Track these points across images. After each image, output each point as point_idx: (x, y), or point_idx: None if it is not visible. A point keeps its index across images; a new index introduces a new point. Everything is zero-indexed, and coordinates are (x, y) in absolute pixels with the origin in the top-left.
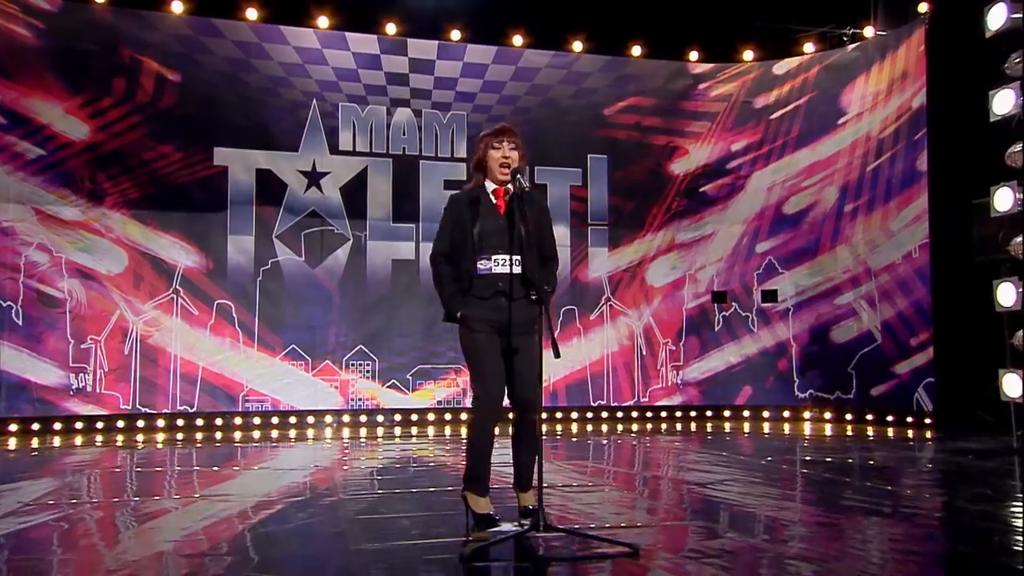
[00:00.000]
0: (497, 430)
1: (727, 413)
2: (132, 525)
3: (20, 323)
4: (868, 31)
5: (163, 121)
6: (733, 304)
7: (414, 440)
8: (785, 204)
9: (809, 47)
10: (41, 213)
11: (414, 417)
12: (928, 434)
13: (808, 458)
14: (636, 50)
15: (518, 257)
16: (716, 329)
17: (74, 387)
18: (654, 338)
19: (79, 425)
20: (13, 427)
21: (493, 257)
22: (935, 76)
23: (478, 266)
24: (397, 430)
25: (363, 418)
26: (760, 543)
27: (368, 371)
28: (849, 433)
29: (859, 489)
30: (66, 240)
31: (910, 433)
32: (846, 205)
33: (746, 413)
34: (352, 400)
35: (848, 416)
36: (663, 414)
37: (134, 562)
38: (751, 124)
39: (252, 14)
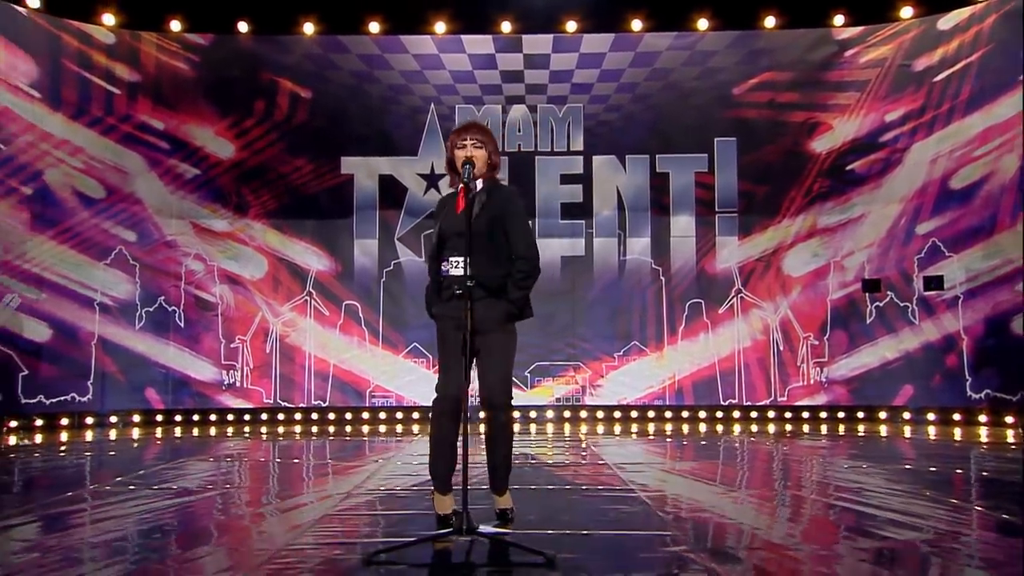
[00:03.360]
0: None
1: (883, 415)
2: (275, 509)
3: (182, 325)
4: None
5: (296, 136)
6: (888, 293)
7: (532, 437)
8: (952, 178)
9: None
10: (197, 226)
11: (532, 414)
12: None
13: (985, 473)
14: (769, 21)
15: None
16: (868, 321)
17: (225, 383)
18: (793, 332)
19: (230, 417)
20: (178, 417)
21: (450, 259)
22: None
23: (442, 267)
24: (516, 427)
25: (482, 414)
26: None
27: None
28: None
29: None
30: (217, 249)
31: None
32: None
33: (906, 415)
34: (471, 397)
35: None
36: (804, 414)
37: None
38: (910, 90)
39: (375, 27)
